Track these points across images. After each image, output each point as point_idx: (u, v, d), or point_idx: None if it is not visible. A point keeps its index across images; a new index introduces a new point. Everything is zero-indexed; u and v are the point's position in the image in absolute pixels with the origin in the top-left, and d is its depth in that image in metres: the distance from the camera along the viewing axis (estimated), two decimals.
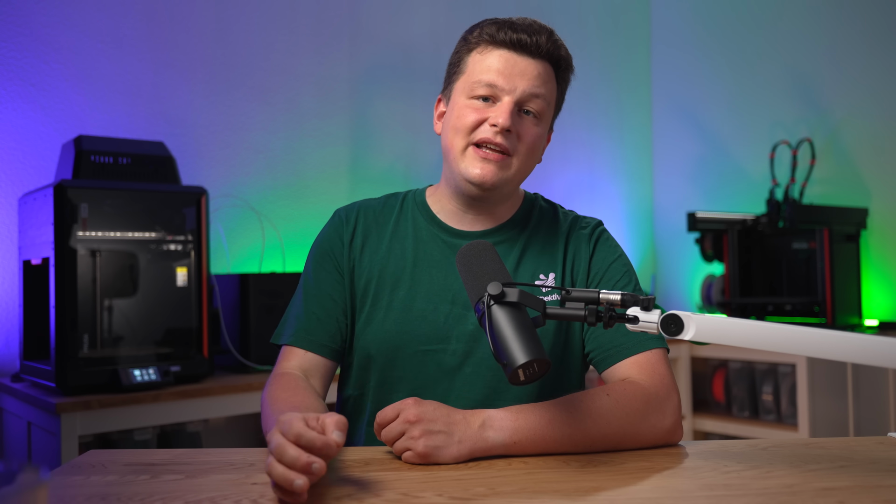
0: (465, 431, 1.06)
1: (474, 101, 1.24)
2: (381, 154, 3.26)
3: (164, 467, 1.05)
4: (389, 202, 1.38)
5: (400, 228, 1.34)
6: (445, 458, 1.04)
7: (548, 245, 1.32)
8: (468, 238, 1.30)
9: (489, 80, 1.23)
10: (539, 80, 1.24)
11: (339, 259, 1.32)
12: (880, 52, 3.31)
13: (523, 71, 1.23)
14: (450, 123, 1.27)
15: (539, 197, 1.41)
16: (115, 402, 2.02)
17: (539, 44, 1.24)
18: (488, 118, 1.23)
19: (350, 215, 1.36)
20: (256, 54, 2.97)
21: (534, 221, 1.35)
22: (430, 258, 1.30)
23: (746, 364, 3.25)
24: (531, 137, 1.25)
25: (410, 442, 1.04)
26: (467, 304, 1.26)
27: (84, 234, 2.08)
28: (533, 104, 1.25)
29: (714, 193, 3.90)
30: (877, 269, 3.30)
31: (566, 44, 1.32)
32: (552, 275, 1.29)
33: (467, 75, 1.26)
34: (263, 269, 2.83)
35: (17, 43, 2.47)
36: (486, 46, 1.25)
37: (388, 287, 1.29)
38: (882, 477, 0.98)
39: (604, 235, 1.35)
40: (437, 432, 1.05)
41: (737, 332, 0.95)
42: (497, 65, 1.23)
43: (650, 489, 0.96)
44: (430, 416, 1.06)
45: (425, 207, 1.35)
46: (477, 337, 1.25)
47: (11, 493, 0.53)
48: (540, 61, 1.25)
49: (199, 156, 2.82)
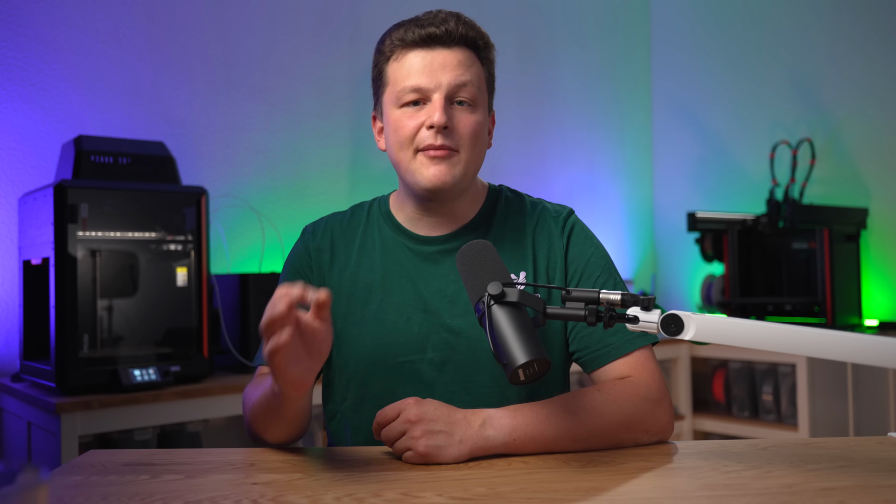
0: (466, 431, 1.06)
1: (406, 109, 1.23)
2: (381, 154, 3.23)
3: (164, 467, 1.05)
4: (356, 214, 1.37)
5: (367, 240, 1.33)
6: (446, 458, 1.04)
7: (517, 241, 1.30)
8: (433, 244, 1.29)
9: (413, 84, 1.21)
10: (462, 68, 1.22)
11: (309, 276, 1.32)
12: (880, 52, 3.31)
13: (443, 64, 1.21)
14: (391, 137, 1.25)
15: (504, 188, 1.38)
16: (115, 402, 2.02)
17: (450, 31, 1.22)
18: (424, 122, 1.21)
19: (317, 231, 1.35)
20: (256, 54, 2.97)
21: (499, 217, 1.32)
22: (400, 268, 1.29)
23: (746, 364, 3.25)
24: (470, 127, 1.23)
25: (411, 442, 1.04)
26: (438, 312, 1.25)
27: (84, 234, 2.08)
28: (462, 93, 1.22)
29: (714, 193, 3.90)
30: (877, 269, 3.30)
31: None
32: (523, 273, 1.27)
33: (391, 86, 1.24)
34: (263, 269, 2.83)
35: (17, 43, 2.47)
36: (399, 52, 1.24)
37: (360, 301, 1.28)
38: (882, 477, 0.98)
39: (577, 226, 1.32)
40: (439, 432, 1.05)
41: (737, 332, 0.95)
42: (416, 66, 1.22)
43: (650, 489, 0.96)
44: (432, 416, 1.06)
45: (389, 216, 1.34)
46: (452, 344, 1.24)
47: (11, 493, 0.53)
48: (456, 49, 1.23)
49: (199, 156, 2.82)
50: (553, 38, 3.84)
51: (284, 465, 1.07)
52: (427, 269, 1.28)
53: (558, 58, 3.85)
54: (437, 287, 1.27)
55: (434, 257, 1.28)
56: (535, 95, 3.76)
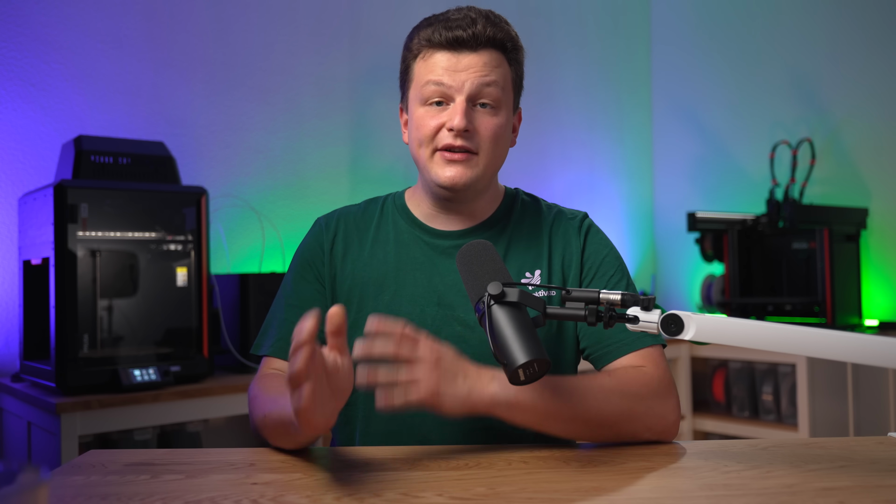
0: (475, 384, 1.06)
1: (428, 108, 1.24)
2: (381, 154, 3.26)
3: (164, 467, 1.05)
4: (370, 207, 1.37)
5: (381, 233, 1.33)
6: (447, 408, 1.04)
7: (533, 240, 1.31)
8: (449, 239, 1.30)
9: (436, 85, 1.22)
10: (486, 69, 1.22)
11: (319, 269, 1.31)
12: (880, 52, 3.31)
13: (468, 66, 1.22)
14: (412, 134, 1.27)
15: (520, 192, 1.39)
16: (115, 402, 2.02)
17: (477, 35, 1.21)
18: (445, 123, 1.22)
19: (330, 223, 1.35)
20: (256, 54, 2.97)
21: (516, 216, 1.33)
22: (413, 261, 1.29)
23: (746, 364, 3.25)
24: (491, 129, 1.24)
25: (424, 375, 1.03)
26: (452, 305, 1.26)
27: (84, 234, 2.08)
28: (486, 96, 1.23)
29: (714, 193, 3.91)
30: (877, 269, 3.30)
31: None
32: (538, 271, 1.28)
33: (416, 83, 1.25)
34: (263, 269, 2.83)
35: (17, 43, 2.47)
36: (426, 52, 1.24)
37: (373, 293, 1.28)
38: (882, 477, 0.98)
39: (593, 228, 1.34)
40: (453, 379, 1.05)
41: (737, 332, 0.95)
42: (440, 68, 1.22)
43: (650, 489, 0.96)
44: (450, 359, 1.06)
45: (405, 210, 1.34)
46: (465, 338, 1.24)
47: (11, 493, 0.53)
48: (483, 51, 1.23)
49: (199, 156, 2.82)
50: (553, 38, 3.84)
51: (284, 465, 1.07)
52: (442, 262, 1.28)
53: (558, 58, 3.85)
54: (451, 281, 1.27)
55: (450, 251, 1.29)
56: (535, 95, 3.76)
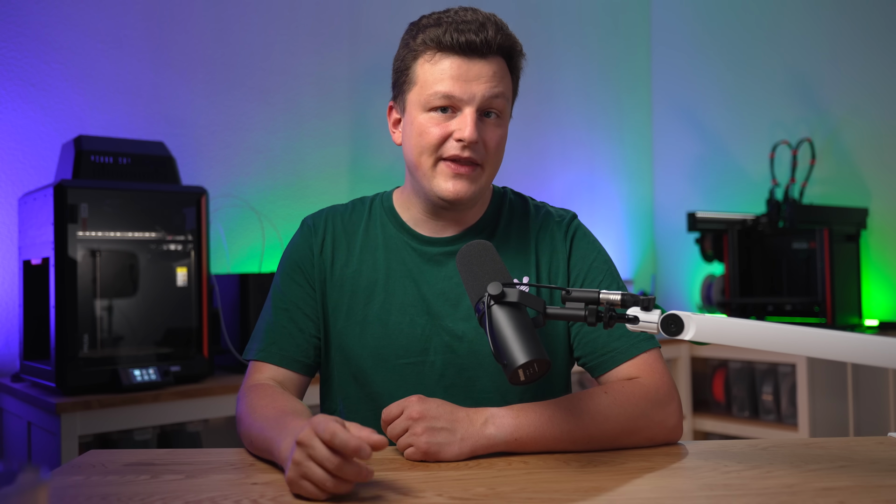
0: (468, 429, 1.06)
1: (433, 115, 1.18)
2: (381, 154, 3.26)
3: (164, 467, 1.05)
4: (357, 208, 1.34)
5: (370, 237, 1.30)
6: (448, 456, 1.04)
7: (520, 247, 1.29)
8: (438, 245, 1.28)
9: (445, 92, 1.16)
10: (496, 80, 1.18)
11: (309, 272, 1.29)
12: (880, 52, 3.31)
13: (478, 75, 1.17)
14: (412, 140, 1.21)
15: (508, 191, 1.36)
16: (115, 402, 2.02)
17: (489, 41, 1.16)
18: (452, 132, 1.17)
19: (318, 224, 1.32)
20: (256, 54, 2.97)
21: (504, 220, 1.31)
22: (403, 268, 1.27)
23: (746, 364, 3.25)
24: (496, 141, 1.21)
25: (413, 438, 1.04)
26: (440, 315, 1.24)
27: (84, 234, 2.08)
28: (494, 107, 1.19)
29: (714, 193, 3.90)
30: (877, 269, 3.30)
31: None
32: (525, 278, 1.26)
33: (420, 86, 1.19)
34: (263, 269, 2.83)
35: (17, 43, 2.47)
36: (433, 54, 1.18)
37: (362, 300, 1.27)
38: (882, 477, 0.98)
39: (579, 231, 1.31)
40: (441, 429, 1.05)
41: (737, 332, 0.95)
42: (450, 73, 1.16)
43: (650, 489, 0.96)
44: (434, 413, 1.06)
45: (393, 213, 1.31)
46: (454, 348, 1.24)
47: (11, 493, 0.53)
48: (492, 59, 1.18)
49: (199, 156, 2.82)
50: (552, 39, 3.84)
51: None
52: (430, 270, 1.27)
53: (558, 58, 3.85)
54: (439, 289, 1.26)
55: (438, 259, 1.27)
56: (534, 96, 3.76)
